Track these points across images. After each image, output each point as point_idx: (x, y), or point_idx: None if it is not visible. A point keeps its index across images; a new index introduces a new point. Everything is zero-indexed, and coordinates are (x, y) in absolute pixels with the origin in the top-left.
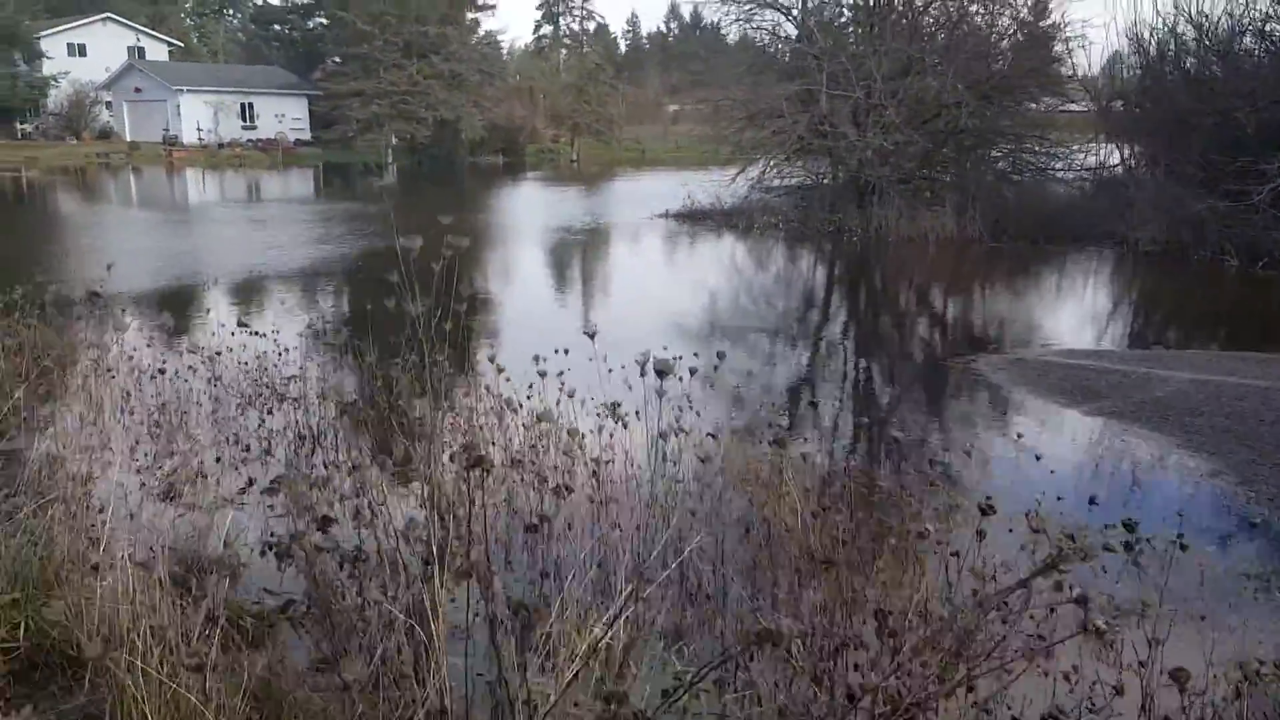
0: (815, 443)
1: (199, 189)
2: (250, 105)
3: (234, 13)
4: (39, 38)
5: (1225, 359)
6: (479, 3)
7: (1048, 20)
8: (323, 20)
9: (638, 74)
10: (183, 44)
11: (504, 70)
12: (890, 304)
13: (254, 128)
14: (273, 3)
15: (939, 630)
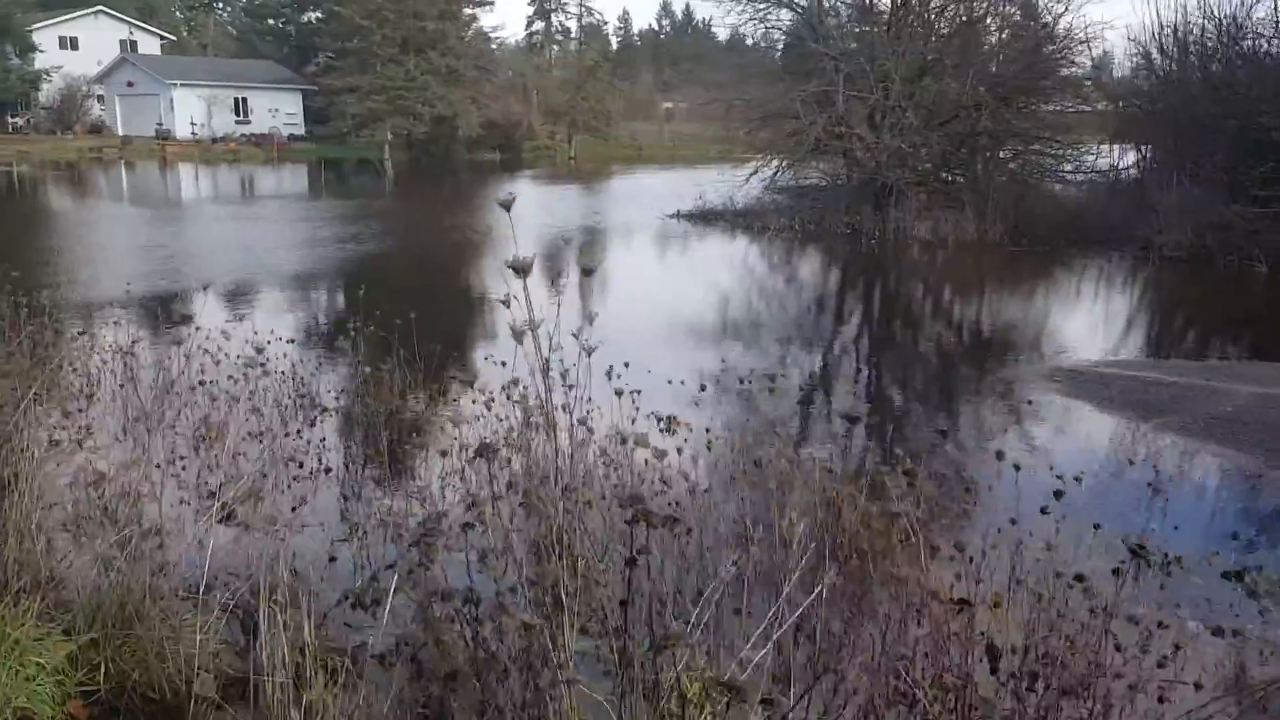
0: (923, 469)
1: (195, 184)
2: (244, 100)
3: (224, 6)
4: (31, 30)
5: None
6: None
7: (1064, 21)
8: (317, 14)
9: (630, 71)
10: (174, 38)
11: (500, 66)
12: (924, 312)
13: (248, 122)
14: None
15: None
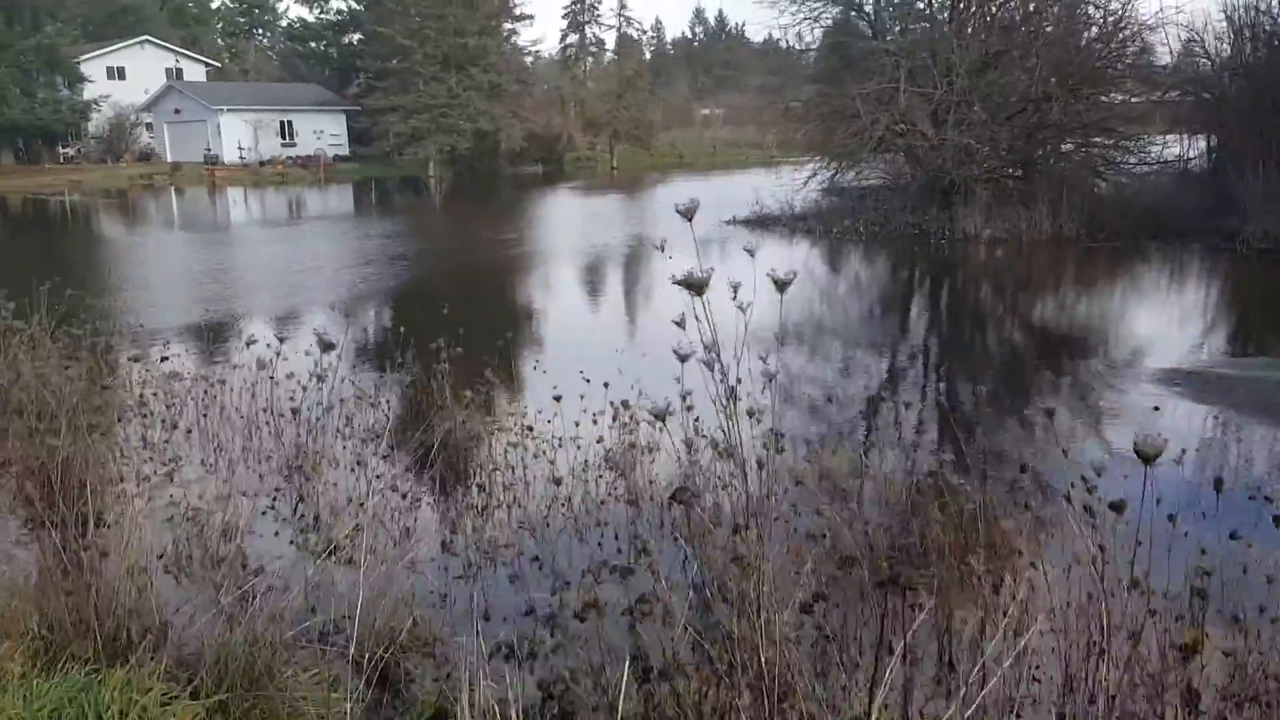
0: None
1: (246, 207)
2: (289, 123)
3: (263, 32)
4: (79, 62)
5: None
6: (516, 13)
7: (1134, 7)
8: (358, 36)
9: (664, 79)
10: (219, 65)
11: (538, 80)
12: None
13: (293, 145)
14: (308, 20)
15: None
